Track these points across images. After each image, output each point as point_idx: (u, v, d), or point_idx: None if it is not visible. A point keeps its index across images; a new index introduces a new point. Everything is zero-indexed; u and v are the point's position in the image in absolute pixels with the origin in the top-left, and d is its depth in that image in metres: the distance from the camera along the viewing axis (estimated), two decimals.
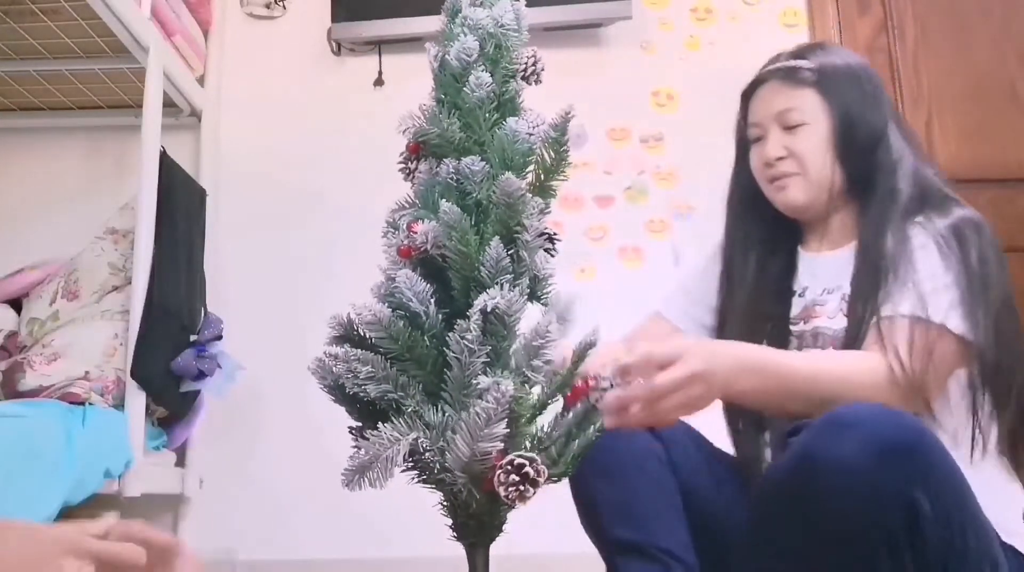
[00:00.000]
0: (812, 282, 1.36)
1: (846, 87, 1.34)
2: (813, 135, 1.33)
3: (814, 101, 1.33)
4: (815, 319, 1.31)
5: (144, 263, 2.13)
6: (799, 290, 1.37)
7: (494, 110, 1.04)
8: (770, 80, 1.37)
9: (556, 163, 1.05)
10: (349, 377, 0.97)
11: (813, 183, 1.33)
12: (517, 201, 0.96)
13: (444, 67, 1.06)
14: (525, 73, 1.07)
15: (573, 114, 1.04)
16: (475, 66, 1.04)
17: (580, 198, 2.58)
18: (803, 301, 1.35)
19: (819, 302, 1.33)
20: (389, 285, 1.01)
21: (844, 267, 1.30)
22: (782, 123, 1.34)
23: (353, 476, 0.94)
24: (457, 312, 0.98)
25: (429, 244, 0.99)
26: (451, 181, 1.01)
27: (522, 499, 0.94)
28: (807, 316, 1.33)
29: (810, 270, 1.37)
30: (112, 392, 2.09)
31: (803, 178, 1.33)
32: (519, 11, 1.09)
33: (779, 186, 1.35)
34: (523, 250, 0.98)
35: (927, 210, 1.25)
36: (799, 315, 1.34)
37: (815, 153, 1.33)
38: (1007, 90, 2.58)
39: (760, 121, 1.37)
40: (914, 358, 1.11)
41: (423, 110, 1.08)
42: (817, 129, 1.33)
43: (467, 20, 1.07)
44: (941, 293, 1.15)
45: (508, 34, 1.07)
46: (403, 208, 1.08)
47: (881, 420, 0.96)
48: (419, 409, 0.95)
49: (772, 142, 1.35)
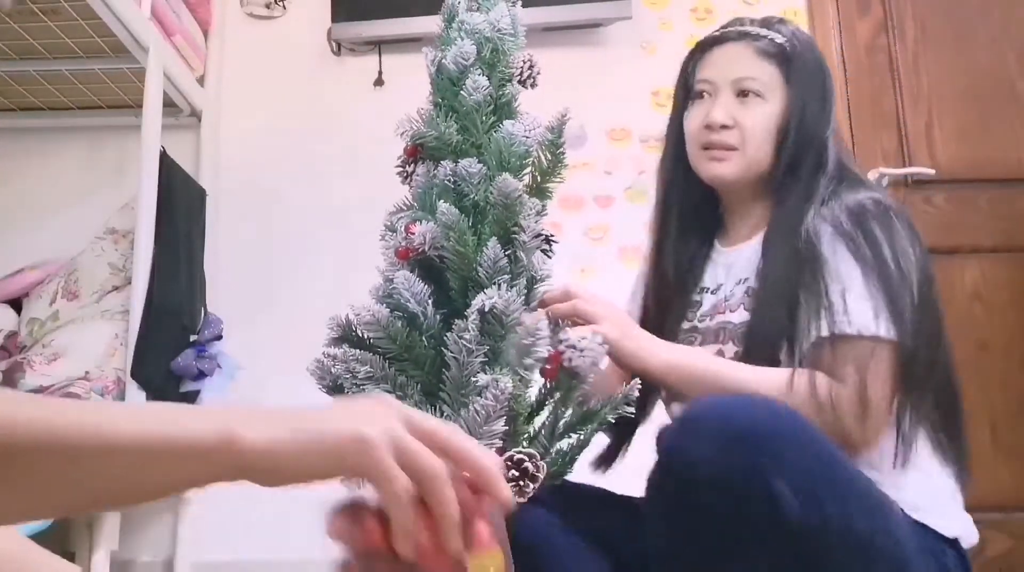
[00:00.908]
0: (726, 278, 1.31)
1: (809, 79, 1.27)
2: (764, 112, 1.26)
3: (775, 79, 1.27)
4: (720, 315, 1.27)
5: (144, 263, 2.14)
6: (712, 286, 1.32)
7: (491, 113, 1.04)
8: (736, 41, 1.30)
9: (553, 165, 1.05)
10: (348, 377, 0.98)
11: (748, 161, 1.27)
12: (514, 202, 0.97)
13: (441, 71, 1.07)
14: (521, 77, 1.08)
15: (569, 116, 1.04)
16: (472, 70, 1.04)
17: (580, 198, 2.58)
18: (715, 298, 1.30)
19: (728, 297, 1.28)
20: (387, 286, 1.02)
21: (753, 258, 1.25)
22: (736, 89, 1.27)
23: None
24: (455, 312, 0.99)
25: (427, 245, 0.99)
26: (448, 183, 1.02)
27: (522, 495, 0.94)
28: (714, 312, 1.28)
29: (725, 264, 1.32)
30: (112, 392, 2.09)
31: (740, 154, 1.27)
32: (515, 15, 1.10)
33: (714, 156, 1.28)
34: (520, 251, 0.99)
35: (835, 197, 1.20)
36: (708, 312, 1.30)
37: (760, 131, 1.26)
38: (1007, 90, 2.58)
39: (713, 79, 1.29)
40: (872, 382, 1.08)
41: (420, 113, 1.08)
42: (770, 108, 1.26)
43: (464, 24, 1.08)
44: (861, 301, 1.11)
45: (504, 38, 1.07)
46: (401, 210, 1.08)
47: (731, 409, 0.93)
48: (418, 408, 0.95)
49: (721, 106, 1.27)
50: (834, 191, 1.21)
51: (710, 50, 1.32)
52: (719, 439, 0.90)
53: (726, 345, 1.23)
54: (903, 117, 2.57)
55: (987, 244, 2.45)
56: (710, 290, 1.32)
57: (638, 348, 1.15)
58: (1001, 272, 2.45)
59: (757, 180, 1.29)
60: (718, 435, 0.90)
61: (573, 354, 1.00)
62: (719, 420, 0.92)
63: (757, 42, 1.28)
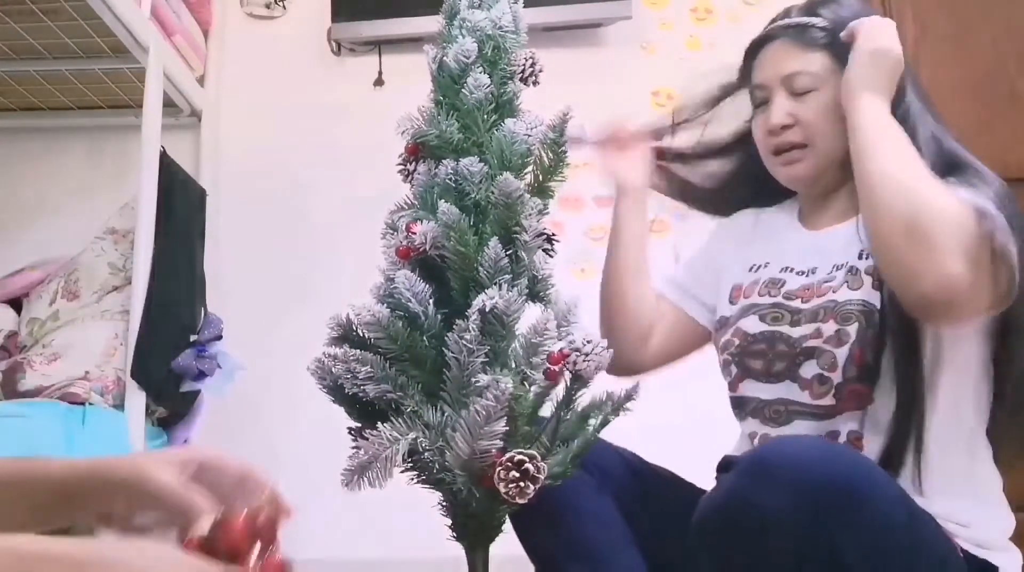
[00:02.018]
0: (821, 261, 1.23)
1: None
2: (823, 102, 1.21)
3: (825, 64, 1.21)
4: (818, 297, 1.19)
5: (144, 263, 2.13)
6: (802, 269, 1.25)
7: (492, 111, 1.04)
8: (779, 38, 1.26)
9: (555, 164, 1.05)
10: (348, 377, 0.97)
11: (821, 155, 1.23)
12: (515, 202, 0.96)
13: (443, 69, 1.07)
14: (523, 75, 1.07)
15: (571, 115, 1.04)
16: (473, 68, 1.04)
17: (580, 198, 2.58)
18: (806, 280, 1.23)
19: (827, 280, 1.20)
20: (388, 286, 1.01)
21: (852, 240, 1.19)
22: (789, 87, 1.23)
23: (352, 476, 0.94)
24: (456, 312, 0.98)
25: (428, 245, 0.99)
26: (450, 182, 1.01)
27: (522, 496, 0.94)
28: (809, 295, 1.21)
29: (815, 248, 1.25)
30: (112, 392, 2.09)
31: (811, 150, 1.23)
32: (517, 13, 1.10)
33: (786, 160, 1.25)
34: (521, 250, 0.98)
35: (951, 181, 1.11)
36: (796, 291, 1.22)
37: (824, 122, 1.21)
38: (1007, 90, 2.58)
39: (765, 82, 1.26)
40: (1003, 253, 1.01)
41: (422, 112, 1.08)
42: (827, 95, 1.21)
43: (465, 22, 1.07)
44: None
45: (506, 36, 1.07)
46: (402, 209, 1.08)
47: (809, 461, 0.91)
48: (418, 409, 0.95)
49: (777, 108, 1.24)
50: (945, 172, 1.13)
51: (759, 52, 1.29)
52: (793, 493, 0.89)
53: (827, 323, 1.15)
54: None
55: None
56: (797, 271, 1.25)
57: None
58: None
59: (837, 167, 1.23)
60: (793, 488, 0.89)
61: (578, 358, 1.00)
62: (796, 471, 0.90)
63: (799, 33, 1.24)
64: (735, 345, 1.25)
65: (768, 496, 0.90)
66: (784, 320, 1.21)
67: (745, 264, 1.34)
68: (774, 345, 1.19)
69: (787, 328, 1.19)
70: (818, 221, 1.29)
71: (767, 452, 0.95)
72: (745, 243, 1.38)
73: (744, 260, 1.35)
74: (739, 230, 1.41)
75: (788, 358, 1.17)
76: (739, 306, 1.29)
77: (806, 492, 0.89)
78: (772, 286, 1.26)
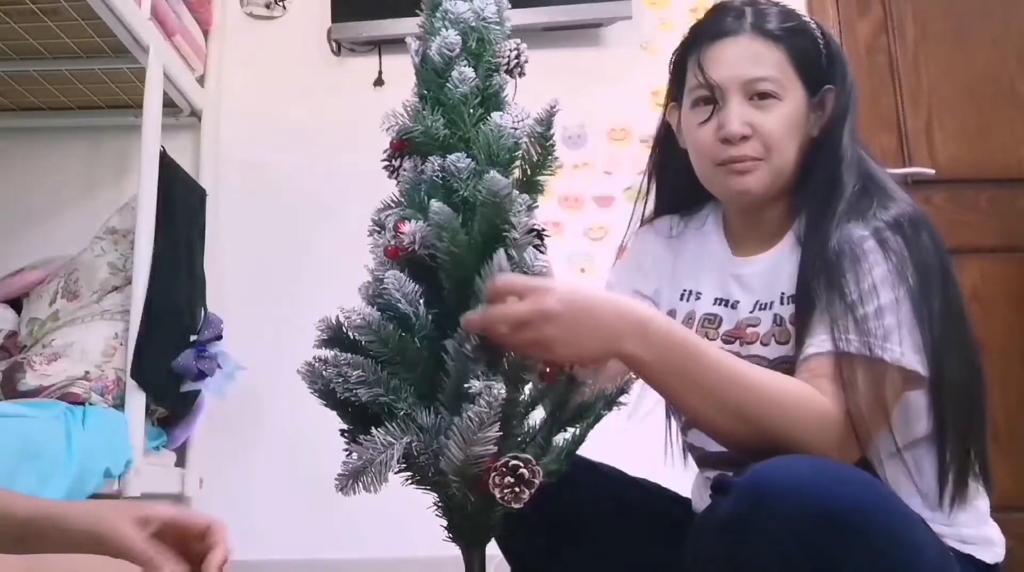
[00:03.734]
0: (743, 295, 1.16)
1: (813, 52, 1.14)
2: (784, 113, 1.11)
3: (786, 69, 1.12)
4: (751, 345, 1.13)
5: (144, 263, 2.14)
6: (727, 299, 1.18)
7: (478, 105, 1.01)
8: (740, 34, 1.13)
9: (543, 158, 1.02)
10: (339, 382, 0.96)
11: (774, 171, 1.12)
12: (503, 199, 0.95)
13: (426, 62, 1.05)
14: (509, 66, 1.05)
15: (558, 108, 1.02)
16: (458, 61, 1.02)
17: (580, 198, 2.58)
18: (735, 315, 1.16)
19: (751, 322, 1.14)
20: (377, 286, 1.00)
21: (775, 273, 1.13)
22: (749, 92, 1.12)
23: (347, 481, 0.93)
24: (447, 313, 0.97)
25: (417, 244, 0.97)
26: (437, 179, 0.99)
27: (517, 500, 0.93)
28: (740, 336, 1.14)
29: (739, 280, 1.18)
30: (112, 392, 2.09)
31: (766, 164, 1.12)
32: (501, 3, 1.07)
33: (738, 170, 1.12)
34: (512, 248, 0.97)
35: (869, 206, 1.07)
36: (732, 332, 1.15)
37: (783, 137, 1.11)
38: (1007, 90, 2.58)
39: (722, 83, 1.12)
40: (868, 404, 0.98)
41: (406, 107, 1.06)
42: (788, 107, 1.12)
43: (448, 14, 1.05)
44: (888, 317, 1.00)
45: (490, 27, 1.04)
46: (389, 207, 1.06)
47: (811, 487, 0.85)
48: (411, 412, 0.94)
49: (735, 115, 1.11)
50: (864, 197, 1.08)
51: (714, 42, 1.14)
52: (796, 519, 0.84)
53: None
54: (903, 117, 2.57)
55: (986, 244, 2.45)
56: (731, 304, 1.18)
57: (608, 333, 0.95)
58: (1000, 272, 2.45)
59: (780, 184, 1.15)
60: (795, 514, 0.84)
61: None
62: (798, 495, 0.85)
63: (762, 30, 1.13)
64: None
65: (768, 522, 0.85)
66: None
67: (676, 288, 1.26)
68: None
69: None
70: (744, 244, 1.21)
71: (767, 474, 0.88)
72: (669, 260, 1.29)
73: (673, 283, 1.27)
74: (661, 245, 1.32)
75: None
76: None
77: (809, 518, 0.84)
78: (709, 326, 1.18)
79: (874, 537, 0.86)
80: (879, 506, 0.89)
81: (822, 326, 1.02)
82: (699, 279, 1.24)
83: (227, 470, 2.45)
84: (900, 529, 0.90)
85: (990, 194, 2.49)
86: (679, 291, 1.26)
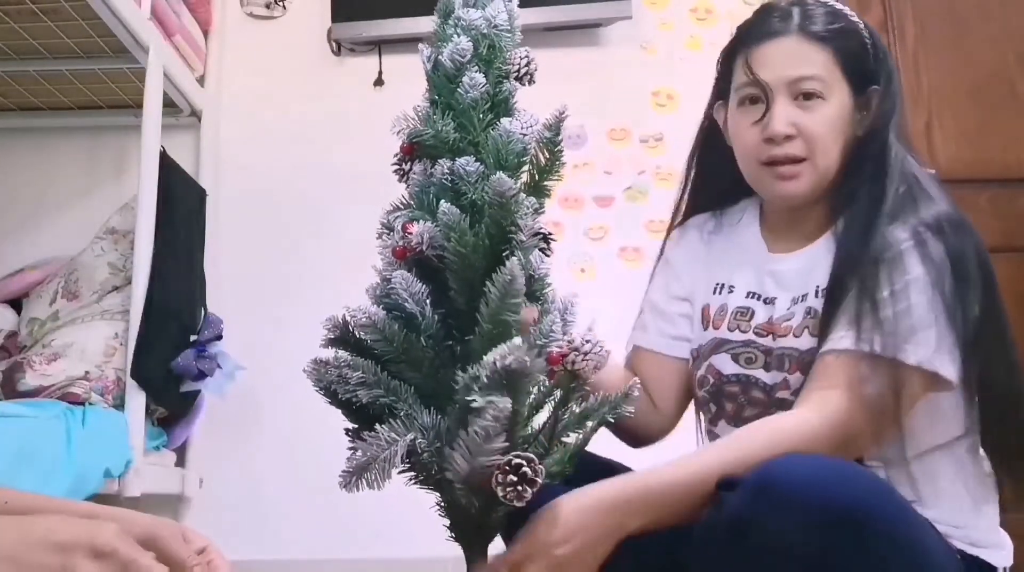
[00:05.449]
0: (779, 292, 1.17)
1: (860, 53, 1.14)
2: (828, 114, 1.12)
3: (832, 69, 1.13)
4: (783, 337, 1.14)
5: (144, 263, 2.14)
6: (763, 294, 1.19)
7: (488, 110, 1.03)
8: (787, 35, 1.14)
9: (550, 163, 1.04)
10: (339, 383, 0.97)
11: (819, 173, 1.14)
12: (510, 201, 0.95)
13: (438, 68, 1.06)
14: (519, 73, 1.06)
15: (567, 114, 1.03)
16: (469, 67, 1.03)
17: (580, 198, 2.58)
18: (769, 310, 1.17)
19: (786, 317, 1.15)
20: (384, 286, 1.01)
21: (810, 270, 1.14)
22: (794, 92, 1.12)
23: (351, 478, 0.93)
24: (453, 313, 0.98)
25: (424, 245, 0.98)
26: (446, 182, 1.00)
27: (520, 499, 0.93)
28: (773, 330, 1.15)
29: (772, 272, 1.19)
30: (112, 392, 2.09)
31: (810, 166, 1.13)
32: (512, 11, 1.08)
33: (785, 174, 1.14)
34: (518, 251, 0.97)
35: (911, 207, 1.08)
36: (764, 326, 1.17)
37: (828, 138, 1.12)
38: (1007, 90, 2.59)
39: (770, 82, 1.13)
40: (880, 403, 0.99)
41: (417, 111, 1.07)
42: (833, 107, 1.12)
43: (460, 21, 1.07)
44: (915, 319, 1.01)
45: (501, 34, 1.06)
46: (398, 209, 1.07)
47: (819, 485, 0.86)
48: (412, 412, 0.95)
49: (780, 114, 1.12)
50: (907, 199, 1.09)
51: (760, 43, 1.15)
52: (803, 516, 0.85)
53: (793, 374, 1.11)
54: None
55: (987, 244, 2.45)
56: (764, 299, 1.19)
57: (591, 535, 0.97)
58: (1001, 272, 2.41)
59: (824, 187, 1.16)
60: (802, 511, 0.85)
61: (577, 357, 0.99)
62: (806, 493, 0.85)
63: (808, 30, 1.14)
64: (710, 383, 1.21)
65: (776, 519, 0.85)
66: (757, 362, 1.16)
67: (709, 282, 1.28)
68: (748, 390, 1.17)
69: (761, 372, 1.16)
70: (781, 241, 1.22)
71: (775, 472, 0.88)
72: (703, 257, 1.31)
73: (708, 278, 1.29)
74: (694, 243, 1.33)
75: (761, 406, 1.14)
76: (710, 337, 1.23)
77: (816, 515, 0.84)
78: (741, 318, 1.20)
79: (880, 536, 0.86)
80: (886, 505, 0.90)
81: (846, 322, 1.03)
82: (733, 273, 1.25)
83: (227, 470, 2.45)
84: (907, 529, 0.91)
85: (990, 194, 2.49)
86: (712, 285, 1.27)
